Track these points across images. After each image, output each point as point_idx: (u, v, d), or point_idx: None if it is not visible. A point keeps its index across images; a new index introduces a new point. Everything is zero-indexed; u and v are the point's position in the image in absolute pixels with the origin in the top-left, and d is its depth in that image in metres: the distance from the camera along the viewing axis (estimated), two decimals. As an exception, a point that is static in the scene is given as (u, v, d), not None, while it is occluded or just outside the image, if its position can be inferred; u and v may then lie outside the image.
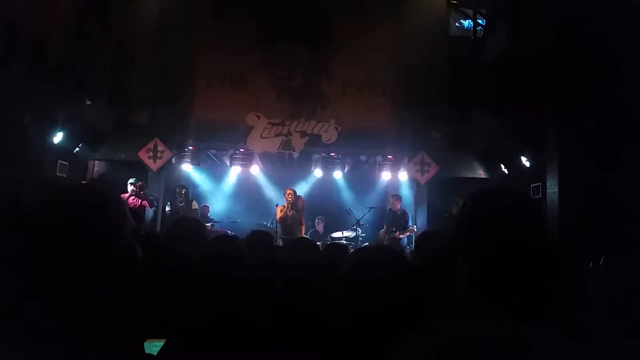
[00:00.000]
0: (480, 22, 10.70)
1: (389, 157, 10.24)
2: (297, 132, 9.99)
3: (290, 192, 9.02)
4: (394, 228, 9.28)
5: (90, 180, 9.54)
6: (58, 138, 8.43)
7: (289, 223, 8.85)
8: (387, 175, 10.35)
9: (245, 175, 10.79)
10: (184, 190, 9.66)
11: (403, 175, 10.32)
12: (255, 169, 10.54)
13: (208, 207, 10.35)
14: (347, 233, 9.58)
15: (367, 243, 9.01)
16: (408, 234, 9.26)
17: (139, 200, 8.45)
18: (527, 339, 0.64)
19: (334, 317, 1.54)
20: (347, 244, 8.93)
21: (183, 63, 10.12)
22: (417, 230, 9.34)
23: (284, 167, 10.99)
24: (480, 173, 10.46)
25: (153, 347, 1.74)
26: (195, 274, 2.12)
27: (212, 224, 9.52)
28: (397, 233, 9.18)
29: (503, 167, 9.94)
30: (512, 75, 8.18)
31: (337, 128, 9.96)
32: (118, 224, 1.25)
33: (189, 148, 10.10)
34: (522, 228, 1.12)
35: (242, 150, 10.12)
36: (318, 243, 4.58)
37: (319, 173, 10.43)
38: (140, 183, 8.59)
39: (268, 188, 11.28)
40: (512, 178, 9.55)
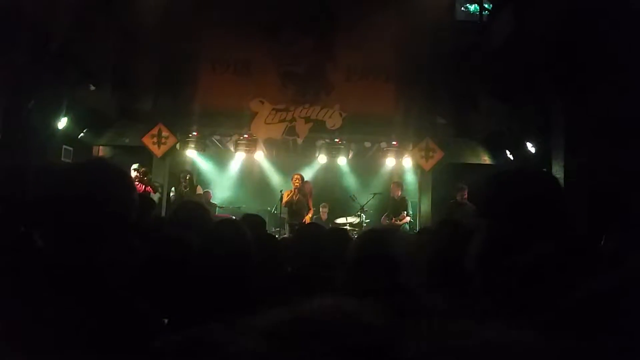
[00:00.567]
0: (487, 5, 10.57)
1: (394, 143, 10.20)
2: (301, 118, 9.96)
3: (298, 177, 9.03)
4: (393, 215, 9.33)
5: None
6: (62, 124, 8.44)
7: (295, 208, 8.88)
8: (391, 161, 10.32)
9: (250, 161, 10.79)
10: (188, 176, 9.67)
11: (407, 161, 10.29)
12: (260, 155, 10.53)
13: (210, 192, 10.37)
14: (351, 219, 9.59)
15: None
16: (404, 222, 9.26)
17: (142, 186, 8.47)
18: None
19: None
20: (350, 230, 8.95)
21: (187, 49, 10.07)
22: (411, 220, 9.40)
23: (288, 153, 10.97)
24: (486, 159, 10.42)
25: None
26: (196, 263, 2.12)
27: (215, 210, 9.55)
28: (393, 219, 9.20)
29: (508, 153, 9.90)
30: (518, 60, 8.11)
31: (341, 114, 9.92)
32: (131, 196, 1.25)
33: (193, 134, 10.09)
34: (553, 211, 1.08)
35: (246, 136, 10.10)
36: None
37: (323, 159, 10.41)
38: (144, 169, 8.61)
39: (272, 174, 11.27)
40: (517, 164, 9.51)
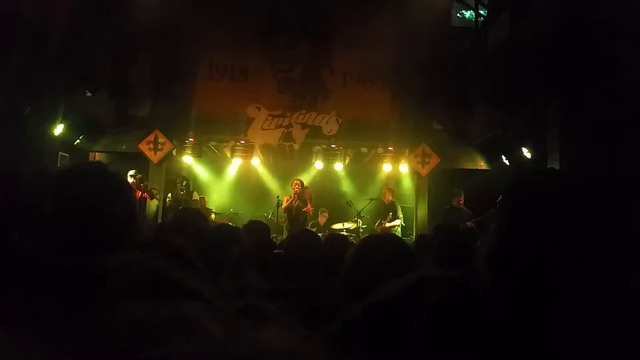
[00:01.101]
0: (482, 12, 10.64)
1: (390, 148, 10.22)
2: (297, 123, 9.96)
3: (297, 182, 9.01)
4: (382, 219, 9.43)
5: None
6: (58, 130, 8.42)
7: (294, 214, 8.85)
8: (388, 167, 10.34)
9: (246, 167, 10.79)
10: (185, 182, 9.67)
11: (404, 167, 10.31)
12: (256, 161, 10.53)
13: (205, 198, 10.37)
14: (347, 225, 9.59)
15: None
16: (392, 224, 9.33)
17: (139, 193, 8.47)
18: None
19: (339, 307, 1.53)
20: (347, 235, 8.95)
21: (183, 55, 10.08)
22: (403, 224, 9.45)
23: (285, 159, 10.98)
24: (482, 164, 10.45)
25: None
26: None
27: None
28: (384, 224, 9.27)
29: (504, 158, 9.92)
30: (513, 67, 8.15)
31: (337, 120, 9.93)
32: (128, 200, 1.24)
33: (190, 140, 10.08)
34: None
35: (242, 142, 10.10)
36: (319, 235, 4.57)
37: (320, 165, 10.42)
38: (140, 175, 8.61)
39: (269, 180, 11.28)
40: (513, 169, 9.53)
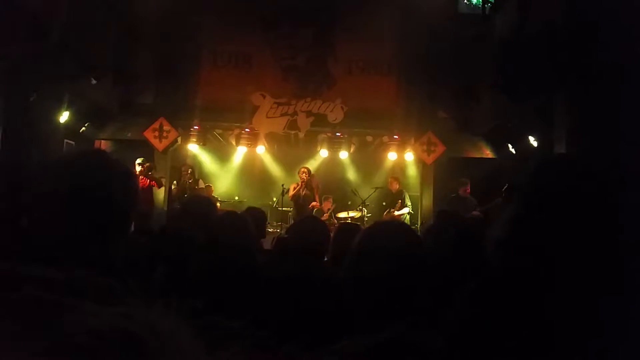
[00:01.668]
0: (489, -1, 10.52)
1: (395, 137, 10.18)
2: (302, 111, 9.93)
3: (304, 170, 8.97)
4: (391, 208, 9.42)
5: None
6: (64, 117, 8.44)
7: (302, 202, 8.82)
8: (393, 155, 10.30)
9: (251, 155, 10.78)
10: (190, 170, 9.69)
11: (409, 156, 10.27)
12: (261, 149, 10.53)
13: (211, 186, 10.38)
14: (352, 213, 9.60)
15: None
16: (401, 212, 9.33)
17: (147, 181, 8.50)
18: None
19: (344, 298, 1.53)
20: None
21: (187, 42, 10.04)
22: (411, 212, 9.44)
23: (290, 147, 10.97)
24: (488, 153, 10.40)
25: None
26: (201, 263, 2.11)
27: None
28: (392, 211, 9.25)
29: (510, 147, 9.88)
30: (520, 54, 8.07)
31: (343, 108, 9.89)
32: (131, 188, 1.24)
33: (195, 128, 10.07)
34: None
35: (247, 130, 10.09)
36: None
37: (325, 153, 10.40)
38: (149, 164, 8.64)
39: (274, 168, 11.28)
40: (519, 158, 9.50)
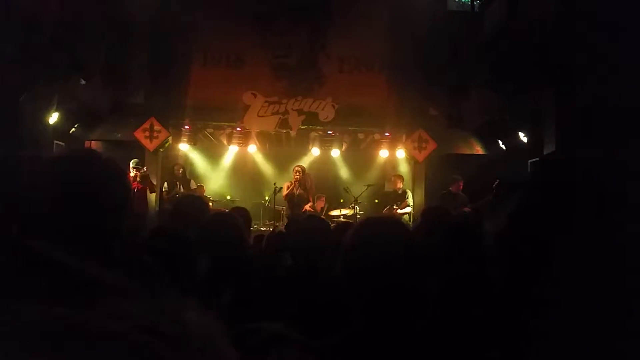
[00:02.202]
0: (478, -4, 10.57)
1: (387, 134, 10.21)
2: (294, 110, 9.92)
3: (298, 169, 8.90)
4: (391, 205, 9.38)
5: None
6: (53, 118, 8.38)
7: (296, 201, 8.76)
8: (384, 153, 10.33)
9: (243, 154, 10.76)
10: (182, 169, 9.65)
11: (401, 153, 10.31)
12: (253, 148, 10.51)
13: (203, 186, 10.34)
14: (345, 211, 9.61)
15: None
16: (404, 210, 9.31)
17: (140, 186, 8.47)
18: None
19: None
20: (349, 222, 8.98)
21: (179, 42, 9.99)
22: (411, 209, 9.43)
23: (282, 145, 10.96)
24: (478, 149, 10.46)
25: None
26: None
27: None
28: (394, 209, 9.22)
29: (501, 143, 9.95)
30: (510, 51, 8.12)
31: (334, 106, 9.89)
32: (122, 187, 1.24)
33: (186, 127, 10.04)
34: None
35: (239, 129, 10.07)
36: None
37: (317, 151, 10.41)
38: (145, 172, 8.62)
39: (265, 167, 11.26)
40: (509, 154, 9.57)
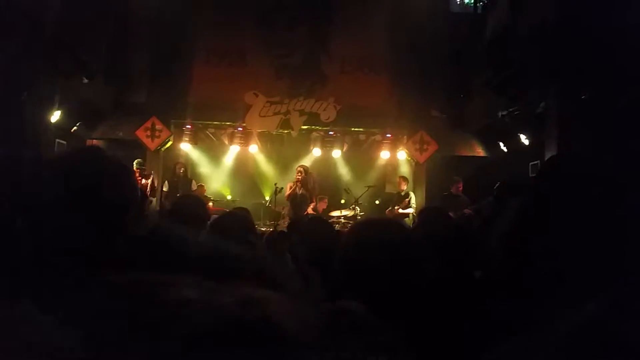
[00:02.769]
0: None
1: (388, 135, 10.21)
2: (295, 110, 9.93)
3: (300, 169, 8.85)
4: (394, 206, 9.35)
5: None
6: (55, 117, 8.38)
7: (299, 201, 8.71)
8: (385, 154, 10.32)
9: (244, 154, 10.76)
10: (183, 169, 9.65)
11: (402, 154, 10.30)
12: (254, 148, 10.51)
13: (204, 186, 10.34)
14: (345, 212, 9.60)
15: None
16: (406, 211, 9.28)
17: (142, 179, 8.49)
18: None
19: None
20: (344, 222, 8.98)
21: (181, 41, 10.01)
22: (414, 213, 9.40)
23: (283, 145, 10.96)
24: (480, 151, 10.46)
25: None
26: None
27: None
28: (396, 209, 9.21)
29: (502, 145, 9.94)
30: (512, 53, 8.12)
31: (335, 107, 9.90)
32: (131, 187, 1.24)
33: (187, 127, 10.05)
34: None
35: (240, 129, 10.07)
36: None
37: (318, 152, 10.40)
38: (148, 172, 8.66)
39: (267, 167, 11.26)
40: (511, 156, 9.56)
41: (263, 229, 8.77)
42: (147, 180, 8.58)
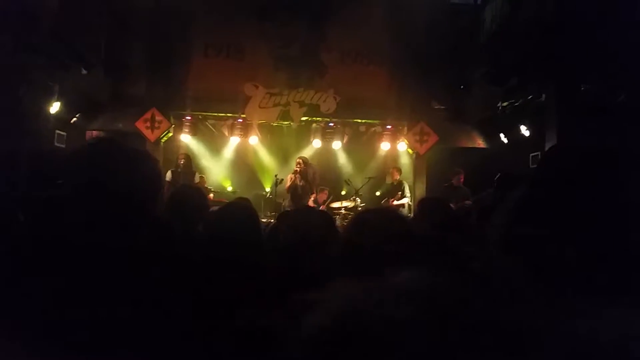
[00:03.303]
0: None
1: (388, 127, 10.19)
2: (295, 102, 9.91)
3: (299, 160, 8.87)
4: (390, 197, 9.40)
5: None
6: (55, 108, 8.37)
7: (300, 193, 8.72)
8: (386, 145, 10.32)
9: (244, 146, 10.74)
10: (183, 160, 9.64)
11: (402, 145, 10.29)
12: (254, 139, 10.49)
13: (204, 177, 10.33)
14: (346, 203, 9.61)
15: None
16: (400, 202, 9.32)
17: None
18: None
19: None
20: (345, 214, 8.99)
21: (180, 32, 9.96)
22: (409, 203, 9.43)
23: (283, 137, 10.95)
24: (480, 143, 10.44)
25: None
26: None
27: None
28: (391, 201, 9.24)
29: (503, 136, 9.93)
30: (512, 44, 8.09)
31: (335, 98, 9.88)
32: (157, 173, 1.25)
33: (187, 118, 10.04)
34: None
35: (240, 121, 10.06)
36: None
37: (318, 143, 10.39)
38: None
39: (267, 158, 11.25)
40: (511, 147, 9.55)
41: (264, 220, 8.80)
42: None
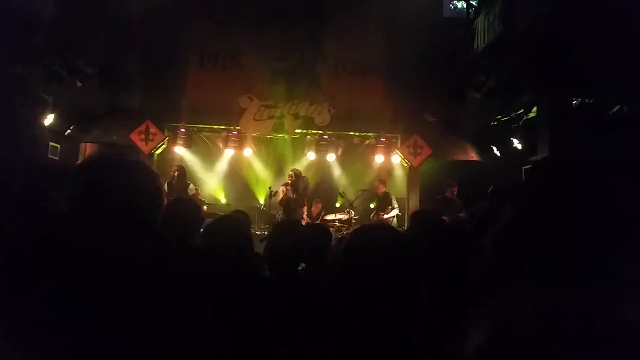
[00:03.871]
0: (473, 2, 10.62)
1: (382, 139, 10.24)
2: (290, 114, 9.95)
3: (291, 173, 8.89)
4: (379, 210, 9.42)
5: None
6: (49, 120, 8.36)
7: (293, 206, 8.73)
8: (380, 158, 10.35)
9: (238, 158, 10.75)
10: (176, 173, 9.62)
11: (396, 158, 10.33)
12: (248, 152, 10.50)
13: (198, 190, 10.31)
14: (340, 215, 9.61)
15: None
16: (390, 215, 9.34)
17: None
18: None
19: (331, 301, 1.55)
20: (339, 226, 8.99)
21: (175, 44, 10.01)
22: (399, 213, 9.46)
23: (277, 149, 10.96)
24: (473, 155, 10.50)
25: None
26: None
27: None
28: (381, 214, 9.27)
29: (495, 149, 9.98)
30: (505, 57, 8.17)
31: (330, 110, 9.93)
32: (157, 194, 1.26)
33: (182, 130, 10.04)
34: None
35: (234, 133, 10.08)
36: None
37: (312, 155, 10.41)
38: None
39: (261, 170, 11.25)
40: (504, 160, 9.60)
41: (258, 233, 8.78)
42: None
